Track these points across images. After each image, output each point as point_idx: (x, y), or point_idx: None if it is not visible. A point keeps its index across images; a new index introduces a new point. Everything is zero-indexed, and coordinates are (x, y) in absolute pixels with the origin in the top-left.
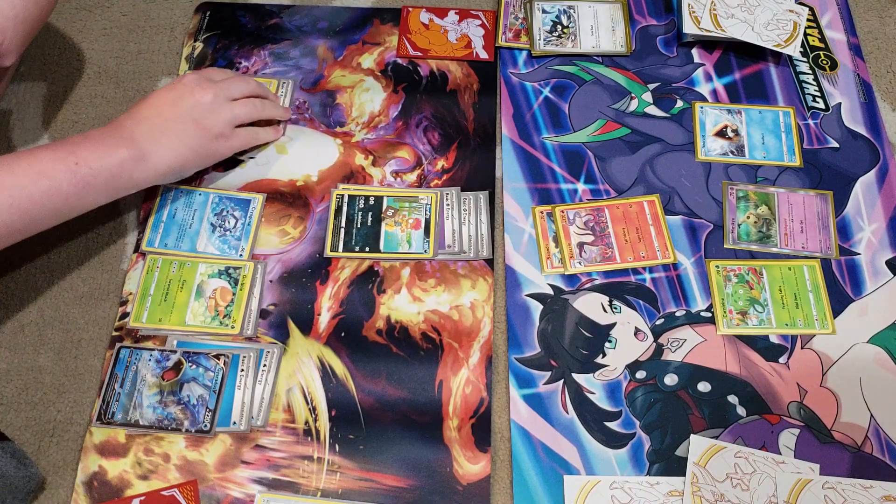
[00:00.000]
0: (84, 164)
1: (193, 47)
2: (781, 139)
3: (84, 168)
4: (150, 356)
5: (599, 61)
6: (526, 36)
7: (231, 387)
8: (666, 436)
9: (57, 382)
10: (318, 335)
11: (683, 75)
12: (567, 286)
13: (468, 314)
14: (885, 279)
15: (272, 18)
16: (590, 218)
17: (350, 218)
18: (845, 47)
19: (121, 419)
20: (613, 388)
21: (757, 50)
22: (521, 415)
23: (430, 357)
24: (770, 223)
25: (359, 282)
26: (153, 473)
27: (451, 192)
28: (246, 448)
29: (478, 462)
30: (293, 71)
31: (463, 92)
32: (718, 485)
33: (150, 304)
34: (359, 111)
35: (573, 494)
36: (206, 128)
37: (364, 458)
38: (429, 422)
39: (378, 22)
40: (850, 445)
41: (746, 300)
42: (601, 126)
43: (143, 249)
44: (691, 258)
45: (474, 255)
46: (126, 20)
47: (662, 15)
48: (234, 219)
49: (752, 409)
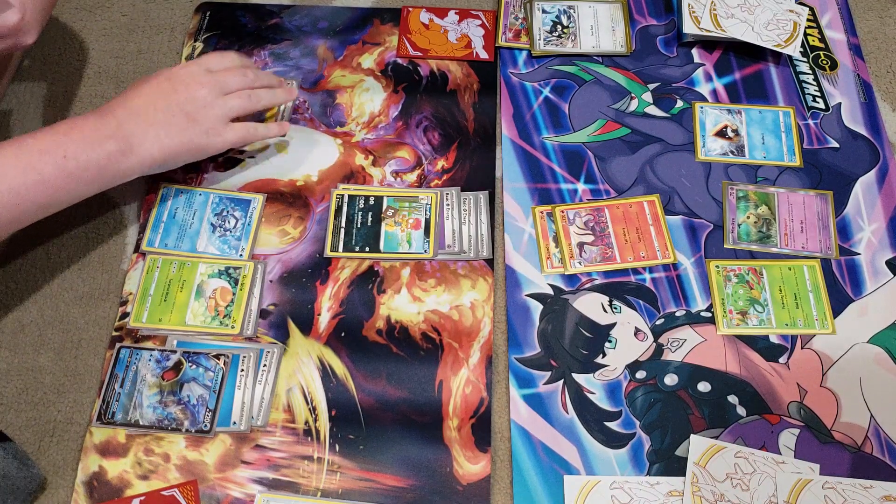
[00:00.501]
0: (72, 158)
1: (193, 47)
2: (781, 139)
3: (72, 162)
4: (150, 356)
5: (599, 61)
6: (526, 36)
7: (231, 387)
8: (666, 436)
9: (57, 382)
10: (319, 335)
11: (683, 75)
12: (567, 286)
13: (468, 314)
14: (885, 279)
15: (272, 18)
16: (590, 218)
17: (350, 218)
18: (845, 47)
19: (121, 419)
20: (613, 388)
21: (757, 50)
22: (521, 415)
23: (430, 357)
24: (770, 223)
25: (359, 282)
26: (153, 473)
27: (451, 192)
28: (246, 448)
29: (478, 462)
30: (293, 71)
31: (463, 92)
32: (718, 485)
33: (150, 304)
34: (359, 111)
35: (573, 494)
36: (198, 122)
37: (364, 458)
38: (429, 422)
39: (378, 22)
40: (850, 445)
41: (746, 300)
42: (601, 126)
43: (143, 249)
44: (691, 258)
45: (474, 255)
46: (126, 20)
47: (662, 15)
48: (235, 219)
49: (752, 409)
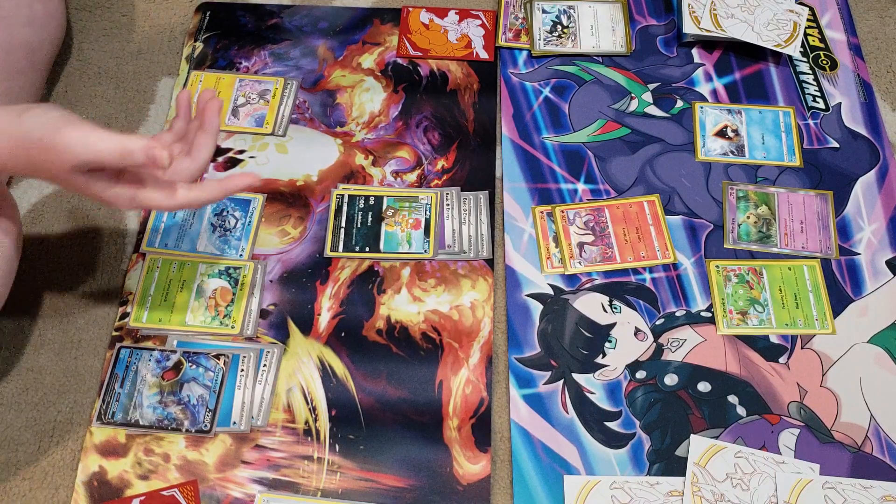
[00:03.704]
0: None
1: (193, 47)
2: (781, 139)
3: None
4: (150, 356)
5: (599, 61)
6: (526, 36)
7: (231, 387)
8: (666, 436)
9: (57, 383)
10: (319, 335)
11: (683, 75)
12: (567, 286)
13: (468, 314)
14: (885, 279)
15: (272, 18)
16: (590, 218)
17: (350, 218)
18: (845, 47)
19: (121, 419)
20: (613, 388)
21: (757, 50)
22: (521, 415)
23: (430, 357)
24: (770, 223)
25: (359, 282)
26: (153, 473)
27: (451, 192)
28: (246, 448)
29: (478, 462)
30: (293, 71)
31: (463, 92)
32: (718, 485)
33: (150, 304)
34: (359, 111)
35: (573, 494)
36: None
37: (364, 458)
38: (429, 422)
39: (378, 22)
40: (850, 445)
41: (746, 300)
42: (601, 126)
43: (143, 249)
44: (691, 258)
45: (474, 255)
46: (126, 20)
47: (662, 15)
48: (234, 219)
49: (752, 409)
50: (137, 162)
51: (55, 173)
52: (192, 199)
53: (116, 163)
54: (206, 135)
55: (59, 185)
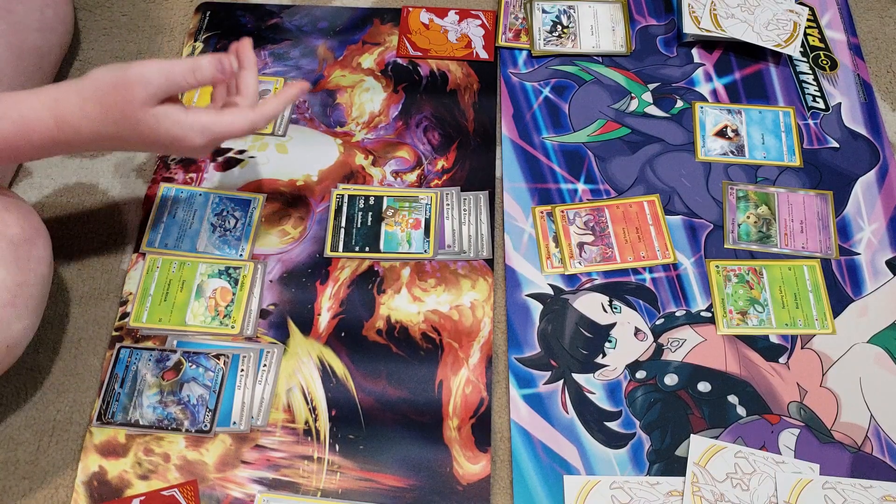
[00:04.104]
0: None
1: (193, 47)
2: (781, 139)
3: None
4: (150, 356)
5: (599, 61)
6: (526, 36)
7: (231, 387)
8: (666, 436)
9: (56, 382)
10: (318, 335)
11: (683, 75)
12: (567, 286)
13: (468, 314)
14: (885, 279)
15: (272, 18)
16: (590, 218)
17: (350, 218)
18: (845, 47)
19: (121, 419)
20: (613, 388)
21: (757, 50)
22: (521, 415)
23: (430, 357)
24: (770, 223)
25: (359, 282)
26: (153, 473)
27: (451, 192)
28: (246, 448)
29: (478, 462)
30: (293, 71)
31: (463, 92)
32: (718, 485)
33: (150, 304)
34: (359, 111)
35: (573, 494)
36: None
37: (364, 458)
38: (429, 422)
39: (378, 22)
40: (850, 445)
41: (746, 300)
42: (601, 126)
43: (143, 249)
44: (691, 258)
45: (474, 255)
46: (126, 20)
47: (662, 15)
48: (234, 219)
49: (752, 409)
50: (206, 76)
51: (128, 114)
52: (257, 117)
53: (188, 81)
54: (247, 71)
55: (125, 143)
